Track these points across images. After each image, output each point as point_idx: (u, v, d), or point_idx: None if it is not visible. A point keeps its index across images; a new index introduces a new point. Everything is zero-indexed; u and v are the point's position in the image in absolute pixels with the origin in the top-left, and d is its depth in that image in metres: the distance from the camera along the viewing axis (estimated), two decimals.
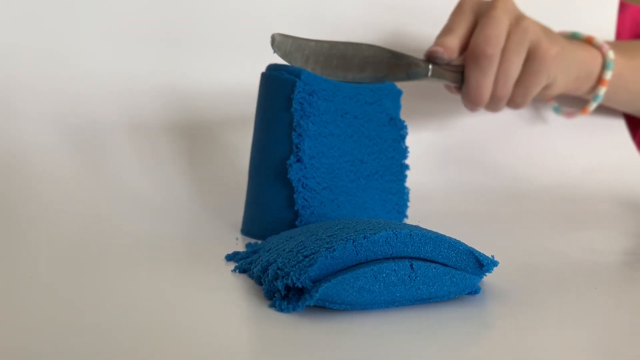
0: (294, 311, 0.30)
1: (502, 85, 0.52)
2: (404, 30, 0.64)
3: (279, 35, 0.43)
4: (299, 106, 0.42)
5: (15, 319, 0.29)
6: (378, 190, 0.45)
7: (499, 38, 0.51)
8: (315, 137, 0.42)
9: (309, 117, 0.42)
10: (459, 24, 0.53)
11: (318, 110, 0.42)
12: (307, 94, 0.42)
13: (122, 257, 0.39)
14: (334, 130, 0.43)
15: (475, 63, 0.52)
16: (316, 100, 0.42)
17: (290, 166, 0.41)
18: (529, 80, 0.53)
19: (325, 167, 0.43)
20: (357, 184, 0.44)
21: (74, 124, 0.53)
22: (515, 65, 0.52)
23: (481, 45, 0.51)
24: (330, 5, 0.61)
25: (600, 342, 0.29)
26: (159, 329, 0.28)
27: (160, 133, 0.55)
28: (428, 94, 0.63)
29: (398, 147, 0.47)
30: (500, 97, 0.53)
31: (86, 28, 0.55)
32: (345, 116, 0.44)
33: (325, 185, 0.43)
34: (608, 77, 0.59)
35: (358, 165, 0.44)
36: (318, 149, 0.42)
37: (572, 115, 0.64)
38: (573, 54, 0.57)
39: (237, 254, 0.38)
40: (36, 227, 0.44)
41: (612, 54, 0.59)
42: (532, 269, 0.39)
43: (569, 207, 0.56)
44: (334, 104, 0.43)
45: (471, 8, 0.54)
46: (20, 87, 0.53)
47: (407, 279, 0.31)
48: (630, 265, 0.41)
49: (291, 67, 0.43)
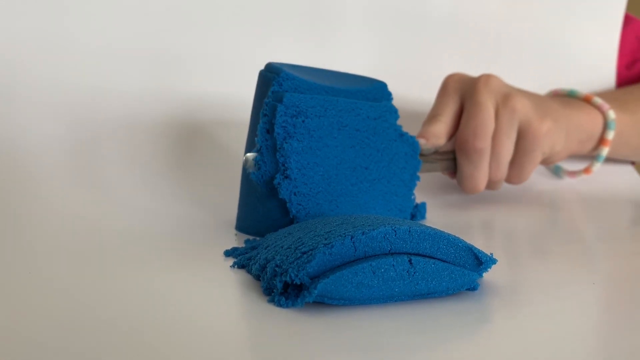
0: (292, 307, 0.30)
1: (495, 170, 0.51)
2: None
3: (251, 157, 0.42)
4: (281, 130, 0.41)
5: (15, 315, 0.29)
6: (382, 192, 0.45)
7: (487, 127, 0.50)
8: (305, 151, 0.41)
9: (292, 137, 0.41)
10: (445, 108, 0.51)
11: (306, 128, 0.42)
12: (289, 117, 0.41)
13: (119, 254, 0.39)
14: (329, 142, 0.42)
15: (466, 157, 0.50)
16: (302, 120, 0.41)
17: (279, 185, 0.41)
18: (523, 160, 0.52)
19: (319, 174, 0.42)
20: (359, 187, 0.44)
21: (72, 123, 0.53)
22: (506, 149, 0.51)
23: (470, 139, 0.49)
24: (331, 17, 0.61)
25: (597, 337, 0.30)
26: (158, 324, 0.28)
27: (159, 132, 0.55)
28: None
29: (411, 160, 0.47)
30: (496, 181, 0.52)
31: (85, 28, 0.55)
32: (343, 129, 0.43)
33: (320, 189, 0.42)
34: (610, 138, 0.57)
35: (361, 171, 0.44)
36: (309, 160, 0.42)
37: (574, 176, 0.60)
38: (570, 121, 0.55)
39: (235, 250, 0.38)
40: (34, 225, 0.44)
41: (612, 113, 0.57)
42: (530, 266, 0.39)
43: (567, 206, 0.56)
44: (327, 119, 0.42)
45: (455, 90, 0.52)
46: (20, 87, 0.53)
47: (406, 275, 0.31)
48: (629, 262, 0.41)
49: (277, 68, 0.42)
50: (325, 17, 0.61)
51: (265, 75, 0.43)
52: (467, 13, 0.64)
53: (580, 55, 0.66)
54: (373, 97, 0.46)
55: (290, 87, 0.42)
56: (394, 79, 0.51)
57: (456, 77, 0.53)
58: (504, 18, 0.65)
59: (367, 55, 0.62)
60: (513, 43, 0.65)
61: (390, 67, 0.62)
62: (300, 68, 0.45)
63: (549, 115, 0.52)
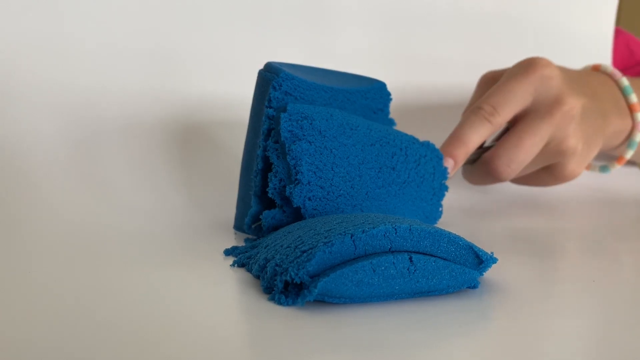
0: (293, 305, 0.30)
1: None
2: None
3: None
4: (288, 134, 0.39)
5: (14, 315, 0.29)
6: (412, 197, 0.43)
7: (525, 162, 0.46)
8: (318, 152, 0.39)
9: (302, 139, 0.39)
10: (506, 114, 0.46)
11: (316, 129, 0.39)
12: (295, 122, 0.39)
13: (118, 252, 0.39)
14: (345, 141, 0.40)
15: (487, 176, 0.48)
16: (309, 122, 0.39)
17: (291, 195, 0.38)
18: (542, 183, 0.51)
19: (339, 176, 0.39)
20: (387, 190, 0.42)
21: (70, 122, 0.53)
22: (527, 172, 0.49)
23: (502, 170, 0.46)
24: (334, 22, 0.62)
25: (598, 336, 0.29)
26: (157, 322, 0.28)
27: (157, 132, 0.55)
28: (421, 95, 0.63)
29: (438, 167, 0.45)
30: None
31: (84, 27, 0.55)
32: (357, 128, 0.41)
33: (342, 192, 0.40)
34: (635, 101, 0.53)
35: (388, 172, 0.42)
36: (325, 161, 0.39)
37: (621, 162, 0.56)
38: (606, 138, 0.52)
39: (235, 249, 0.38)
40: (32, 224, 0.44)
41: (625, 80, 0.54)
42: (531, 264, 0.39)
43: (567, 204, 0.56)
44: (335, 121, 0.40)
45: (529, 93, 0.47)
46: (18, 86, 0.52)
47: (406, 272, 0.31)
48: (630, 259, 0.41)
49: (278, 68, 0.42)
50: (326, 17, 0.61)
51: (265, 75, 0.42)
52: (468, 9, 0.64)
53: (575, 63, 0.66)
54: (372, 97, 0.46)
55: (290, 87, 0.42)
56: (394, 78, 0.51)
57: (544, 72, 0.47)
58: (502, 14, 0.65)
59: (367, 55, 0.62)
60: (509, 40, 0.66)
61: (391, 66, 0.62)
62: (300, 68, 0.45)
63: (591, 153, 0.50)
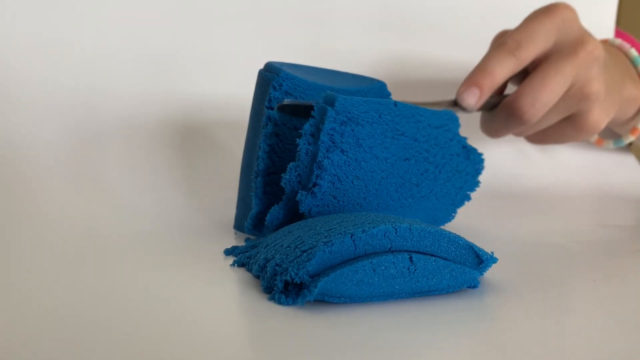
0: (293, 305, 0.30)
1: (524, 132, 0.49)
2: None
3: None
4: (327, 138, 0.36)
5: (14, 315, 0.29)
6: (425, 208, 0.42)
7: (550, 104, 0.46)
8: (346, 164, 0.37)
9: (337, 148, 0.37)
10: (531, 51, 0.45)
11: (354, 137, 0.37)
12: (338, 124, 0.37)
13: (118, 253, 0.39)
14: (379, 153, 0.38)
15: (508, 120, 0.47)
16: (351, 129, 0.37)
17: (300, 201, 0.37)
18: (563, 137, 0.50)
19: (355, 189, 0.38)
20: (401, 203, 0.40)
21: (70, 124, 0.53)
22: (549, 122, 0.48)
23: (526, 110, 0.46)
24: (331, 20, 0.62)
25: (598, 335, 0.29)
26: (158, 322, 0.28)
27: (157, 133, 0.55)
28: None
29: (470, 180, 0.43)
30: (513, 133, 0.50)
31: (83, 29, 0.55)
32: (399, 137, 0.39)
33: (353, 202, 0.38)
34: None
35: (409, 188, 0.40)
36: (349, 174, 0.38)
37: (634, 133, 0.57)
38: (624, 105, 0.51)
39: (235, 249, 0.38)
40: (33, 225, 0.44)
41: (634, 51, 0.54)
42: (531, 263, 0.39)
43: (567, 204, 0.56)
44: (380, 126, 0.38)
45: (552, 33, 0.46)
46: (18, 88, 0.53)
47: (407, 272, 0.31)
48: (629, 258, 0.41)
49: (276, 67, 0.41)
50: (326, 17, 0.61)
51: (265, 75, 0.42)
52: (467, 9, 0.64)
53: None
54: (372, 96, 0.46)
55: (290, 87, 0.42)
56: (394, 78, 0.51)
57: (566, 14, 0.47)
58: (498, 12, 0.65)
59: (367, 55, 0.62)
60: None
61: (390, 66, 0.61)
62: (300, 67, 0.45)
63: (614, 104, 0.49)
